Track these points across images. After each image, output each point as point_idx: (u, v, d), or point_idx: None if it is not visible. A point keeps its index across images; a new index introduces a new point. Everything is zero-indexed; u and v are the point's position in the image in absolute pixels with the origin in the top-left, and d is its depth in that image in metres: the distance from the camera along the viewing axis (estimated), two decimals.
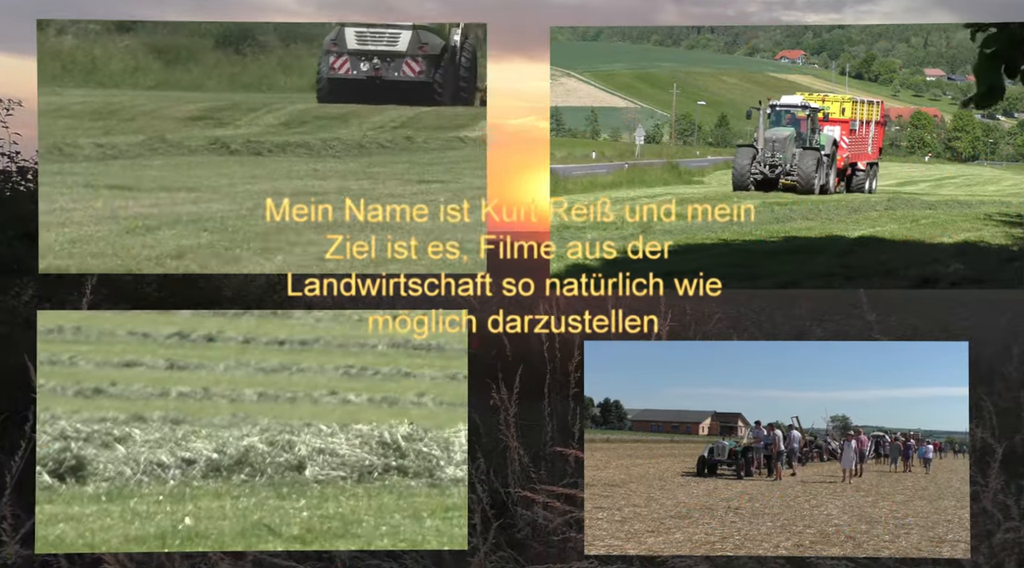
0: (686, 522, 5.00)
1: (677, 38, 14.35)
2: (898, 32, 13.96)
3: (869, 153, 11.41)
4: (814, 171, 10.90)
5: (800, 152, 11.10)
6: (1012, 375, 8.06)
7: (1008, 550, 4.90)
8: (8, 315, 7.72)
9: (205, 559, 5.02)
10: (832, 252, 7.11)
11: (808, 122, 11.51)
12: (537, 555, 5.24)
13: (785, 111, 11.75)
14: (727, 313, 9.72)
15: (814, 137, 11.45)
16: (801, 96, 11.72)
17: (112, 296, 7.84)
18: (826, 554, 4.72)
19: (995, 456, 5.12)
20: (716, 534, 4.84)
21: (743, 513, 5.09)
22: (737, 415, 5.79)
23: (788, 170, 10.97)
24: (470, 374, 5.47)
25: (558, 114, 12.41)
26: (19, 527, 4.94)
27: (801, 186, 10.73)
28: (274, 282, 9.45)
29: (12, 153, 8.55)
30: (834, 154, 11.30)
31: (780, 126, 11.65)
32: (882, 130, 11.58)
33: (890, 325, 8.55)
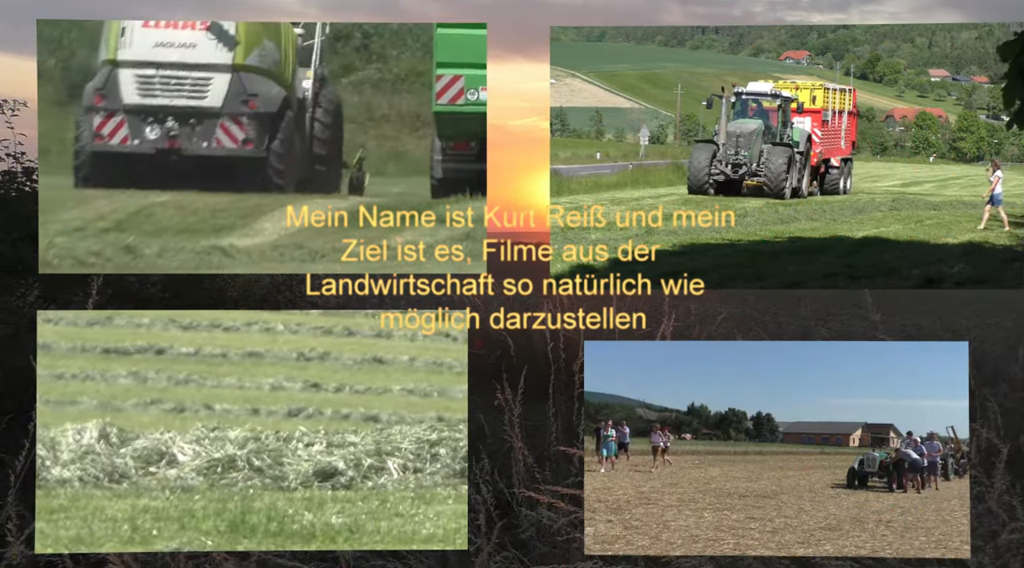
0: (836, 534, 4.93)
1: (681, 38, 14.33)
2: (903, 32, 13.94)
3: (842, 148, 10.42)
4: (784, 171, 9.53)
5: (769, 148, 9.84)
6: (1018, 376, 8.04)
7: (1013, 551, 4.89)
8: (13, 316, 7.72)
9: (209, 559, 5.01)
10: (836, 252, 7.10)
11: (779, 113, 10.33)
12: (541, 555, 5.24)
13: (752, 100, 10.53)
14: (731, 313, 9.73)
15: (785, 131, 10.22)
16: (771, 83, 10.61)
17: (116, 296, 7.85)
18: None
19: (1000, 457, 5.11)
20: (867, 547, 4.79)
21: (895, 527, 5.01)
22: (889, 426, 5.60)
23: (754, 170, 9.63)
24: (475, 376, 5.49)
25: (562, 115, 12.42)
26: (24, 527, 4.94)
27: (769, 188, 9.39)
28: (279, 282, 9.46)
29: (17, 153, 8.56)
30: (807, 151, 10.01)
31: (746, 118, 10.43)
32: (855, 121, 10.70)
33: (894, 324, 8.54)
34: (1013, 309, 12.51)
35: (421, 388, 6.82)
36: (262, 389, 6.94)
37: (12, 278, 7.90)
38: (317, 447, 5.55)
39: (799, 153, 9.85)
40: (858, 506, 5.36)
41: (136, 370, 6.90)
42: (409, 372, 7.18)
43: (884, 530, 4.95)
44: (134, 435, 5.59)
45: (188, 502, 5.12)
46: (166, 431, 5.66)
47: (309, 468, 5.39)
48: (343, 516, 5.02)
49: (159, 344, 7.38)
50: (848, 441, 5.92)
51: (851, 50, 13.50)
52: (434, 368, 7.08)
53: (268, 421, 6.20)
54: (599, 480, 5.25)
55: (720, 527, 4.93)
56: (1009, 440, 5.42)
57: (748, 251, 6.79)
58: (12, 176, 8.50)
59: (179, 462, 5.40)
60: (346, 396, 6.87)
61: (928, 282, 6.37)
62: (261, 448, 5.50)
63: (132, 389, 6.70)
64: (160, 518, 4.97)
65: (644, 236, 6.50)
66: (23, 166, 8.53)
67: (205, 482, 5.29)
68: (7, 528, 4.90)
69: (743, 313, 11.12)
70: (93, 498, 5.13)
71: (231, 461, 5.40)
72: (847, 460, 5.84)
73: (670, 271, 6.19)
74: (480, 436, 6.29)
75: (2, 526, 4.95)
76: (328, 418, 6.40)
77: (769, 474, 5.91)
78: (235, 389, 6.91)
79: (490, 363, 7.17)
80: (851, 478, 5.85)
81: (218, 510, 5.04)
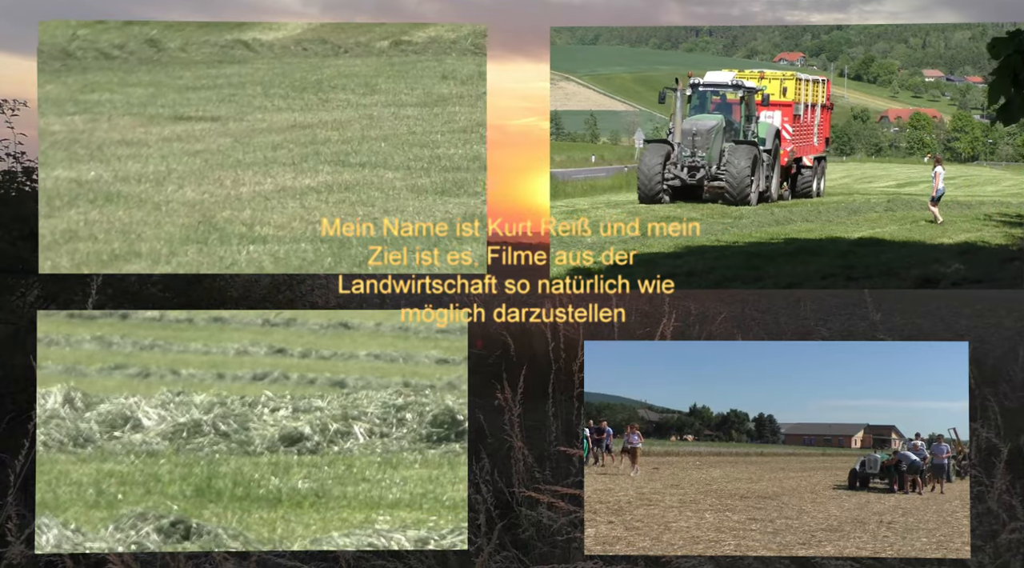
0: (837, 535, 4.94)
1: (676, 41, 14.33)
2: (896, 33, 13.96)
3: (815, 145, 9.49)
4: (749, 174, 8.36)
5: (731, 147, 8.72)
6: (1018, 376, 8.07)
7: (1013, 551, 4.90)
8: (13, 316, 7.72)
9: (209, 559, 5.01)
10: (833, 253, 7.12)
11: (742, 107, 9.17)
12: (541, 555, 5.24)
13: (712, 92, 9.38)
14: (731, 313, 9.71)
15: (750, 127, 9.11)
16: (733, 72, 9.43)
17: (116, 296, 7.85)
18: None
19: (1000, 457, 5.13)
20: (868, 548, 4.79)
21: (896, 528, 5.02)
22: (891, 427, 5.65)
23: (714, 173, 8.50)
24: (476, 376, 5.49)
25: (557, 118, 12.42)
26: (24, 527, 4.93)
27: (731, 194, 8.30)
28: (279, 282, 9.47)
29: (17, 153, 8.55)
30: (776, 149, 8.93)
31: (704, 113, 9.31)
32: (828, 115, 9.79)
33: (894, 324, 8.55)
34: (1013, 309, 12.54)
35: (387, 354, 6.81)
36: (227, 354, 6.90)
37: (12, 278, 7.89)
38: (283, 412, 5.54)
39: (766, 151, 8.82)
40: (859, 507, 5.41)
41: (101, 335, 6.85)
42: (375, 337, 7.17)
43: (885, 531, 4.96)
44: (99, 399, 5.57)
45: (153, 466, 5.09)
46: (131, 396, 5.63)
47: (275, 433, 5.36)
48: (309, 481, 4.98)
49: (123, 309, 7.35)
50: (850, 442, 5.94)
51: (845, 51, 13.52)
52: (400, 333, 7.07)
53: (233, 386, 6.18)
54: (600, 481, 5.26)
55: (721, 528, 4.94)
56: (1009, 440, 5.43)
57: (744, 252, 6.81)
58: (12, 176, 8.49)
59: (144, 427, 5.38)
60: (312, 361, 6.86)
61: (925, 282, 6.38)
62: (227, 413, 5.47)
63: (96, 354, 6.65)
64: (126, 482, 4.94)
65: (640, 239, 6.51)
66: (23, 166, 8.52)
67: (171, 447, 5.27)
68: (7, 528, 4.89)
69: (743, 313, 11.09)
70: (58, 462, 5.11)
71: (197, 426, 5.38)
72: (849, 461, 5.86)
73: (668, 272, 6.21)
74: (480, 436, 6.30)
75: (2, 526, 4.93)
76: (294, 383, 6.40)
77: (771, 475, 5.94)
78: (200, 354, 6.87)
79: (490, 363, 7.18)
80: (852, 479, 5.89)
81: (184, 474, 5.01)
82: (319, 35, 7.76)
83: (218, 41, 6.86)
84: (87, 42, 6.02)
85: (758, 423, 5.27)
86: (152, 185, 6.02)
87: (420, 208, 5.69)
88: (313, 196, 5.86)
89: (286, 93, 7.92)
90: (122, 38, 6.28)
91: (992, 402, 5.95)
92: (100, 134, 6.82)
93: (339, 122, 7.49)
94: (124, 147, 6.73)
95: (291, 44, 7.81)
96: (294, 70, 8.14)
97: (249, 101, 7.96)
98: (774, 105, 9.18)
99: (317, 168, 6.43)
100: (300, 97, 7.90)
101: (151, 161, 6.48)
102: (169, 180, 6.11)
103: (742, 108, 9.11)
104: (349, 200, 5.79)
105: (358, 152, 6.77)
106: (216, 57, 6.99)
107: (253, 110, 7.83)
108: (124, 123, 7.12)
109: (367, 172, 6.32)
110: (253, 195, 5.87)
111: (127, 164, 6.42)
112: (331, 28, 7.82)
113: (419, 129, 7.27)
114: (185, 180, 6.09)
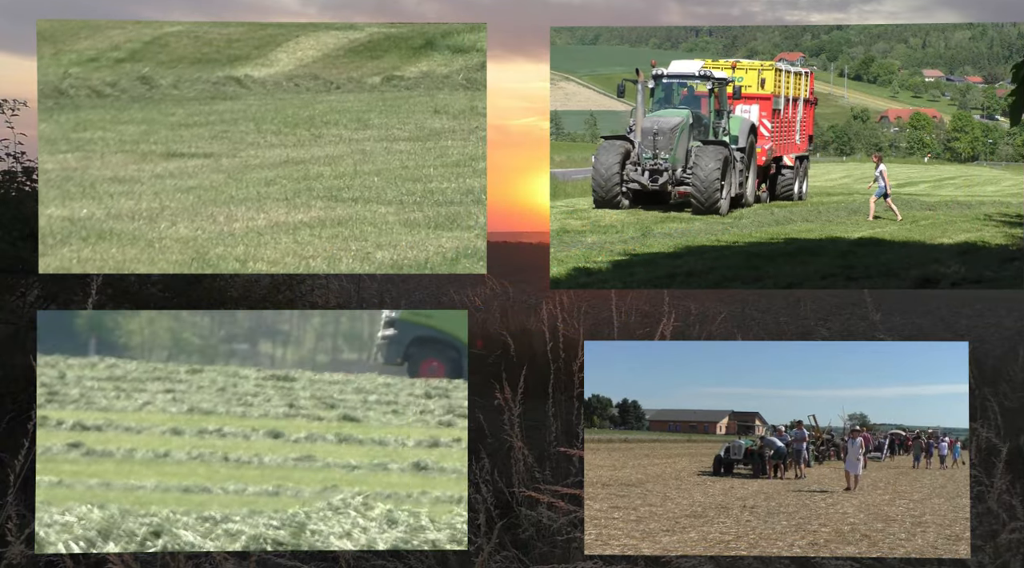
0: (701, 521, 4.97)
1: (676, 41, 14.33)
2: (896, 33, 13.96)
3: (797, 143, 8.70)
4: (718, 177, 7.37)
5: (698, 148, 7.78)
6: (1018, 376, 8.06)
7: (1013, 550, 4.90)
8: (13, 316, 7.72)
9: (209, 559, 5.01)
10: (833, 253, 7.11)
11: (711, 100, 8.21)
12: (541, 555, 5.24)
13: (679, 84, 8.42)
14: (731, 313, 9.72)
15: (720, 123, 8.13)
16: (701, 62, 8.51)
17: (116, 296, 7.85)
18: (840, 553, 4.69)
19: (1000, 456, 5.13)
20: (731, 533, 4.82)
21: (759, 512, 5.06)
22: (755, 414, 5.71)
23: (680, 178, 7.57)
24: (476, 376, 5.50)
25: (557, 118, 12.42)
26: (24, 527, 4.93)
27: (699, 201, 7.35)
28: (279, 282, 9.48)
29: (17, 153, 8.55)
30: (752, 147, 8.03)
31: (670, 108, 8.36)
32: (812, 111, 8.96)
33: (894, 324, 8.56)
34: (1013, 309, 12.55)
35: None
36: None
37: (12, 278, 7.90)
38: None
39: (739, 150, 7.91)
40: (723, 493, 5.50)
41: None
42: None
43: (748, 516, 5.01)
44: None
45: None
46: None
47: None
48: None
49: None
50: (715, 429, 6.01)
51: (845, 51, 13.51)
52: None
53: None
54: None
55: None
56: (1009, 440, 5.43)
57: (744, 252, 6.80)
58: (12, 176, 8.49)
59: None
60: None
61: (925, 282, 6.38)
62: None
63: None
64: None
65: (640, 239, 6.51)
66: (23, 166, 8.52)
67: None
68: (7, 528, 4.89)
69: (743, 313, 11.10)
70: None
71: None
72: (714, 448, 5.93)
73: (667, 273, 6.22)
74: (480, 436, 6.30)
75: (2, 526, 4.93)
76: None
77: (634, 462, 5.94)
78: None
79: (490, 363, 7.18)
80: (717, 465, 5.99)
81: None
82: (311, 71, 7.81)
83: (210, 78, 6.89)
84: (79, 80, 6.03)
85: (621, 409, 5.27)
86: (145, 222, 6.03)
87: (413, 242, 5.70)
88: (306, 231, 5.89)
89: (278, 129, 7.95)
90: (114, 75, 6.28)
91: (992, 402, 5.95)
92: (93, 172, 6.84)
93: (332, 157, 7.53)
94: (117, 184, 6.75)
95: (283, 80, 7.88)
96: (286, 106, 8.21)
97: (242, 137, 7.95)
98: (751, 98, 8.28)
99: (310, 203, 6.47)
100: (292, 133, 7.93)
101: (144, 198, 6.49)
102: (162, 217, 6.13)
103: (711, 101, 8.20)
104: (342, 235, 5.83)
105: (351, 187, 6.83)
106: (208, 93, 7.02)
107: (246, 146, 7.80)
108: (117, 160, 7.15)
109: (360, 207, 6.36)
110: (246, 231, 5.91)
111: (120, 201, 6.46)
112: (323, 64, 7.89)
113: (412, 163, 7.27)
114: (178, 216, 6.13)
